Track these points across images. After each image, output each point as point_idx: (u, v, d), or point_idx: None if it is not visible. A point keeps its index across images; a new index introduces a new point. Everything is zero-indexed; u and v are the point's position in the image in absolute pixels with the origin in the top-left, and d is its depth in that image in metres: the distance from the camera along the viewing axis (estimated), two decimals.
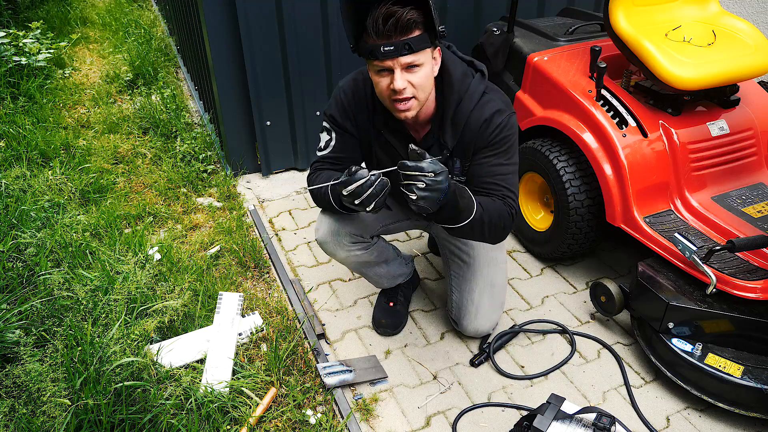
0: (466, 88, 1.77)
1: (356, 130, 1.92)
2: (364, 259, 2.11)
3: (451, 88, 1.76)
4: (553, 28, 2.78)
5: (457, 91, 1.76)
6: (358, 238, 2.03)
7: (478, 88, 1.79)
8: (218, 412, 1.88)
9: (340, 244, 2.01)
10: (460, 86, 1.76)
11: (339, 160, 1.93)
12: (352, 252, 2.04)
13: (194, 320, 2.22)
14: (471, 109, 1.77)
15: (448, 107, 1.77)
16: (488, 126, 1.77)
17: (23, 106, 3.87)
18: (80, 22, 5.82)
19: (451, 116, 1.78)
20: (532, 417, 1.70)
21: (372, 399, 2.03)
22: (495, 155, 1.80)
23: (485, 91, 1.79)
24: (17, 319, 2.10)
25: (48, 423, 1.75)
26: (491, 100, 1.79)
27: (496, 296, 2.18)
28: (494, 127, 1.77)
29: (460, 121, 1.78)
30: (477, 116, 1.77)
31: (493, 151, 1.79)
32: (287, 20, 2.91)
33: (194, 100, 4.19)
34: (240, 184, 3.25)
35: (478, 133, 1.78)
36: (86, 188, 3.06)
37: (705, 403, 2.00)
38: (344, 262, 2.10)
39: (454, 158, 1.87)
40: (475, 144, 1.80)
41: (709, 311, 1.95)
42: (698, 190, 2.28)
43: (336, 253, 2.04)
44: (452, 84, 1.76)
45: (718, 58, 2.18)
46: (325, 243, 2.01)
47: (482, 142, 1.79)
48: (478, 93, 1.78)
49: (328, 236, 1.99)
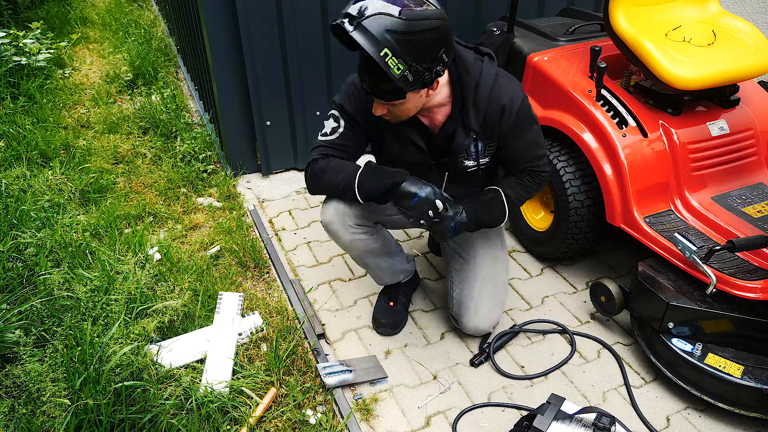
0: (480, 71, 1.82)
1: (365, 122, 1.93)
2: (368, 246, 2.09)
3: (468, 73, 1.80)
4: (553, 28, 2.78)
5: (473, 74, 1.80)
6: (363, 221, 2.04)
7: (491, 69, 1.84)
8: (218, 412, 1.88)
9: (345, 226, 2.00)
10: (474, 70, 1.81)
11: (344, 147, 1.95)
12: (356, 236, 2.04)
13: (194, 320, 2.22)
14: (489, 91, 1.82)
15: (468, 91, 1.81)
16: (509, 114, 1.85)
17: (23, 106, 3.86)
18: (80, 22, 5.82)
19: (473, 99, 1.82)
20: (532, 417, 1.70)
21: (372, 399, 2.03)
22: (520, 136, 1.91)
23: (497, 74, 1.85)
24: (17, 319, 2.10)
25: (48, 423, 1.75)
26: (506, 83, 1.85)
27: (497, 294, 2.18)
28: (514, 113, 1.85)
29: (482, 102, 1.83)
30: (495, 98, 1.83)
31: (517, 134, 1.90)
32: (287, 20, 2.91)
33: (194, 100, 4.19)
34: (240, 184, 3.25)
35: (498, 118, 1.85)
36: (86, 188, 3.06)
37: (705, 403, 2.00)
38: (348, 246, 2.09)
39: (478, 141, 1.92)
40: (498, 129, 1.88)
41: (709, 311, 1.95)
42: (698, 190, 2.28)
43: (340, 235, 2.03)
44: (468, 69, 1.80)
45: (718, 58, 2.18)
46: (331, 224, 2.01)
47: (505, 129, 1.89)
48: (492, 74, 1.83)
49: (334, 217, 1.99)
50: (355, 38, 1.54)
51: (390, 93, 1.68)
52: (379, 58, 1.54)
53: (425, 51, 1.59)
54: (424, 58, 1.59)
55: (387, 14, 1.53)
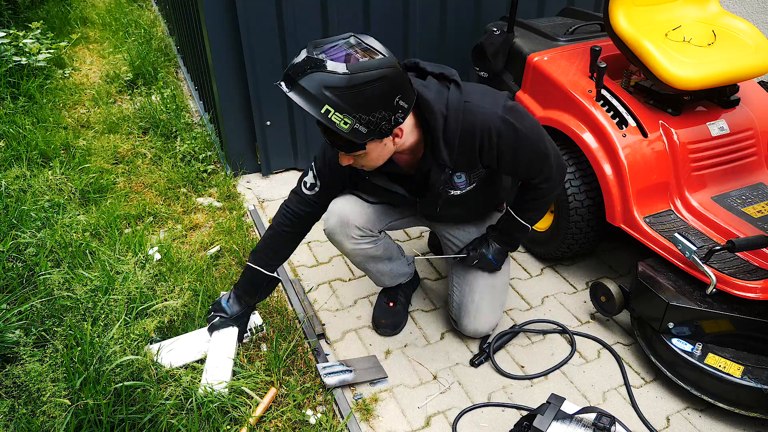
0: (446, 104, 1.70)
1: (341, 177, 1.97)
2: (370, 254, 2.11)
3: (432, 112, 1.68)
4: (553, 28, 2.78)
5: (439, 112, 1.69)
6: (367, 232, 2.05)
7: (459, 99, 1.71)
8: (218, 412, 1.88)
9: (348, 237, 2.02)
10: (440, 107, 1.69)
11: (317, 204, 2.02)
12: (360, 245, 2.06)
13: (194, 320, 2.22)
14: (461, 123, 1.71)
15: (437, 131, 1.70)
16: (483, 146, 1.75)
17: (23, 106, 3.86)
18: (80, 22, 5.81)
19: (442, 136, 1.72)
20: (532, 417, 1.70)
21: (372, 399, 2.03)
22: (513, 158, 1.81)
23: (466, 100, 1.72)
24: (17, 319, 2.10)
25: (48, 423, 1.75)
26: (477, 109, 1.72)
27: (497, 297, 2.18)
28: (491, 146, 1.75)
29: (453, 138, 1.73)
30: (468, 129, 1.72)
31: (511, 156, 1.80)
32: (287, 20, 2.91)
33: (194, 100, 4.19)
34: (240, 184, 3.25)
35: (479, 148, 1.76)
36: (86, 188, 3.06)
37: (705, 403, 2.00)
38: (350, 254, 2.11)
39: (458, 173, 1.86)
40: (480, 156, 1.79)
41: (709, 311, 1.95)
42: (698, 190, 2.28)
43: (343, 244, 2.05)
44: (432, 109, 1.68)
45: (718, 58, 2.18)
46: (333, 234, 2.03)
47: (491, 156, 1.79)
48: (461, 104, 1.71)
49: (337, 227, 2.01)
50: (293, 99, 1.48)
51: (346, 145, 1.61)
52: (321, 116, 1.47)
53: (375, 102, 1.50)
54: (375, 109, 1.50)
55: (326, 71, 1.45)
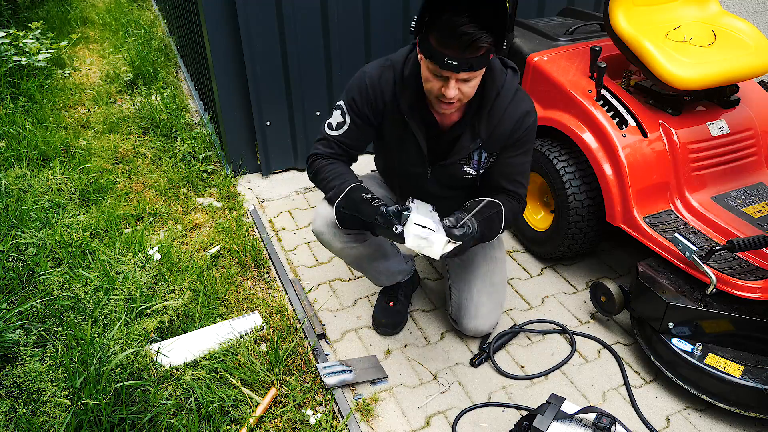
0: (503, 82, 1.80)
1: (374, 119, 1.89)
2: (361, 253, 2.07)
3: (493, 81, 1.78)
4: (553, 28, 2.78)
5: (497, 84, 1.78)
6: (354, 230, 2.01)
7: (513, 83, 1.82)
8: (218, 412, 1.88)
9: (335, 235, 1.98)
10: (499, 80, 1.79)
11: (346, 145, 1.92)
12: (348, 244, 2.02)
13: (194, 320, 2.22)
14: (507, 105, 1.81)
15: (487, 100, 1.79)
16: (519, 127, 1.84)
17: (23, 106, 3.86)
18: (80, 22, 5.81)
19: (489, 108, 1.80)
20: (532, 417, 1.70)
21: (372, 399, 2.03)
22: (518, 154, 1.91)
23: (517, 88, 1.84)
24: (17, 319, 2.10)
25: (48, 423, 1.75)
26: (523, 99, 1.84)
27: (496, 295, 2.18)
28: (524, 128, 1.85)
29: (497, 114, 1.82)
30: (511, 112, 1.82)
31: (518, 150, 1.90)
32: (287, 20, 2.91)
33: (194, 100, 4.19)
34: (240, 184, 3.25)
35: (510, 131, 1.84)
36: (86, 188, 3.06)
37: (705, 403, 2.00)
38: (340, 254, 2.07)
39: (482, 150, 1.90)
40: (504, 141, 1.86)
41: (709, 311, 1.95)
42: (698, 190, 2.28)
43: (332, 244, 2.01)
44: (494, 78, 1.78)
45: (718, 58, 2.18)
46: (321, 234, 2.00)
47: (510, 141, 1.87)
48: (513, 89, 1.82)
49: (324, 227, 1.97)
50: None
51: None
52: None
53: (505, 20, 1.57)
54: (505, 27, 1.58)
55: None
